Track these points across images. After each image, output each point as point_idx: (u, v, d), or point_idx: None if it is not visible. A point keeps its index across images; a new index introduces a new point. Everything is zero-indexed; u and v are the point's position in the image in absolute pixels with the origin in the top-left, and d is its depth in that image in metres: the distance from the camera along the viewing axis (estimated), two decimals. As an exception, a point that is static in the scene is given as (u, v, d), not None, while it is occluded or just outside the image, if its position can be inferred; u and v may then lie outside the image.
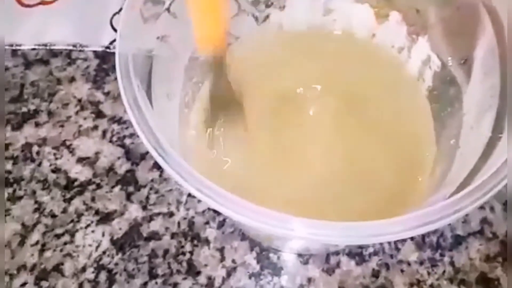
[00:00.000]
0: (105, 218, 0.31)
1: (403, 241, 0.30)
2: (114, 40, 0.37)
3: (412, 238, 0.30)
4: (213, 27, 0.23)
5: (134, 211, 0.31)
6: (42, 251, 0.30)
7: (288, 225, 0.16)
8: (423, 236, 0.30)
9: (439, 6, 0.28)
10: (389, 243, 0.30)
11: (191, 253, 0.30)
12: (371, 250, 0.30)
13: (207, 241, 0.30)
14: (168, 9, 0.25)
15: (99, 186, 0.32)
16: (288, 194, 0.26)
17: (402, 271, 0.29)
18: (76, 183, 0.32)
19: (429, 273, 0.29)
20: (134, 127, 0.18)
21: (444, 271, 0.29)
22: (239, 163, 0.27)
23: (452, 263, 0.29)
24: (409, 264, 0.29)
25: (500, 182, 0.18)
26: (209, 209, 0.31)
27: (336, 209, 0.25)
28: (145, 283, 0.29)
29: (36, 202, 0.32)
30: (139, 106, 0.19)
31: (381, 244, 0.30)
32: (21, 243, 0.30)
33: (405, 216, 0.17)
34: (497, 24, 0.23)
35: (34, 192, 0.32)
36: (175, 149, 0.18)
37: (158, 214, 0.31)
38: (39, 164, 0.33)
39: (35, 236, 0.30)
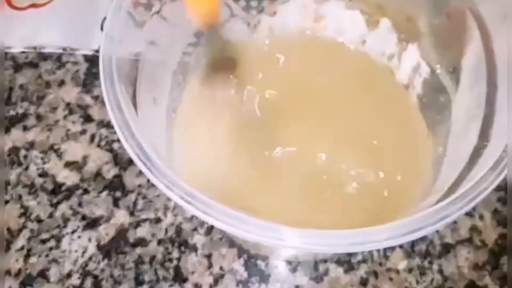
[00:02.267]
0: (92, 223, 0.31)
1: (392, 248, 0.30)
2: (105, 44, 0.37)
3: (401, 246, 0.30)
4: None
5: (121, 217, 0.31)
6: (27, 256, 0.30)
7: (278, 235, 0.16)
8: (412, 244, 0.30)
9: (429, 14, 0.28)
10: (378, 250, 0.30)
11: (178, 259, 0.29)
12: (359, 257, 0.29)
13: (194, 248, 0.30)
14: (158, 12, 0.25)
15: (86, 191, 0.32)
16: (277, 202, 0.25)
17: (390, 279, 0.29)
18: (63, 188, 0.32)
19: (417, 281, 0.29)
20: (116, 131, 0.18)
21: (432, 279, 0.29)
22: (226, 170, 0.26)
23: (440, 271, 0.29)
24: (397, 272, 0.29)
25: (486, 189, 0.18)
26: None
27: (326, 217, 0.25)
28: (131, 290, 0.29)
29: (22, 206, 0.31)
30: (121, 110, 0.19)
31: (369, 251, 0.30)
32: (6, 248, 0.30)
33: (393, 223, 0.17)
34: (484, 31, 0.23)
35: (20, 197, 0.31)
36: (160, 155, 0.18)
37: (146, 220, 0.31)
38: (26, 168, 0.33)
39: (21, 242, 0.30)
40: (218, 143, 0.25)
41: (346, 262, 0.29)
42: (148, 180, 0.31)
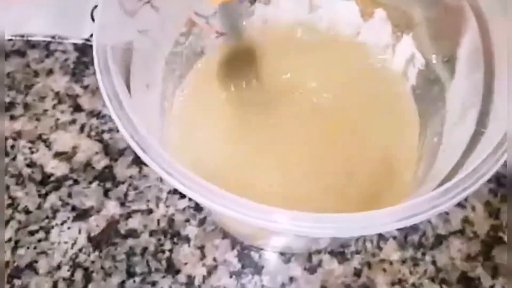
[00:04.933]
0: (82, 214, 0.30)
1: (385, 240, 0.30)
2: (95, 33, 0.36)
3: (394, 237, 0.30)
4: None
5: (112, 208, 0.30)
6: (15, 248, 0.29)
7: (270, 216, 0.16)
8: (405, 235, 0.30)
9: (425, 4, 0.28)
10: (371, 242, 0.30)
11: (171, 251, 0.29)
12: (353, 249, 0.29)
13: (187, 239, 0.29)
14: (149, 1, 0.24)
15: (76, 182, 0.31)
16: (272, 188, 0.25)
17: (384, 270, 0.29)
18: (52, 178, 0.31)
19: (411, 272, 0.29)
20: (112, 116, 0.18)
21: (425, 270, 0.29)
22: (222, 156, 0.26)
23: (433, 262, 0.29)
24: (391, 263, 0.29)
25: (483, 176, 0.17)
26: (189, 206, 0.30)
27: (317, 204, 0.25)
28: (123, 282, 0.28)
29: (9, 197, 0.30)
30: (118, 96, 0.18)
31: (363, 242, 0.29)
32: (-7, 240, 0.29)
33: (388, 209, 0.17)
34: (482, 22, 0.23)
35: (7, 187, 0.31)
36: (155, 139, 0.17)
37: (137, 211, 0.30)
38: (14, 158, 0.32)
39: (8, 233, 0.29)
40: (213, 130, 0.25)
41: (340, 253, 0.29)
42: (140, 171, 0.31)
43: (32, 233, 0.29)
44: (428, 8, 0.28)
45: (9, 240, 0.29)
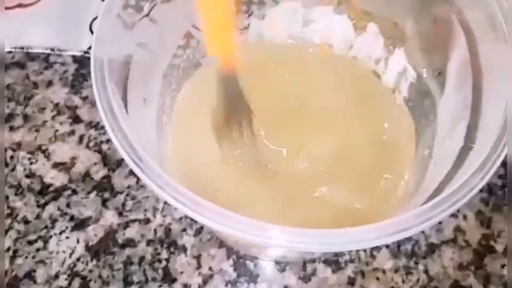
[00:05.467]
0: (80, 224, 0.30)
1: (379, 249, 0.30)
2: (93, 45, 0.37)
3: (387, 246, 0.30)
4: (223, 36, 0.23)
5: (110, 218, 0.31)
6: (13, 257, 0.29)
7: (266, 233, 0.16)
8: (398, 244, 0.30)
9: (416, 19, 0.28)
10: (364, 251, 0.30)
11: (167, 260, 0.29)
12: (347, 257, 0.30)
13: (183, 249, 0.30)
14: (147, 15, 0.25)
15: (74, 192, 0.31)
16: (269, 205, 0.26)
17: (377, 278, 0.29)
18: (51, 189, 0.32)
19: (403, 281, 0.29)
20: (107, 131, 0.18)
21: (418, 279, 0.29)
22: (217, 169, 0.27)
23: (426, 271, 0.30)
24: (384, 272, 0.30)
25: (471, 191, 0.18)
26: (186, 216, 0.31)
27: (311, 217, 0.26)
28: (120, 291, 0.29)
29: (8, 207, 0.31)
30: (113, 111, 0.19)
31: (357, 251, 0.30)
32: (-8, 250, 0.30)
33: (379, 223, 0.17)
34: (470, 36, 0.23)
35: (7, 198, 0.31)
36: (150, 154, 0.18)
37: (134, 220, 0.31)
38: (13, 169, 0.32)
39: (7, 243, 0.30)
40: (209, 145, 0.25)
41: (334, 262, 0.30)
42: (137, 181, 0.32)
43: (30, 242, 0.30)
44: (419, 20, 0.28)
45: (8, 249, 0.30)
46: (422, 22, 0.28)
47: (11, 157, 0.33)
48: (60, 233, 0.30)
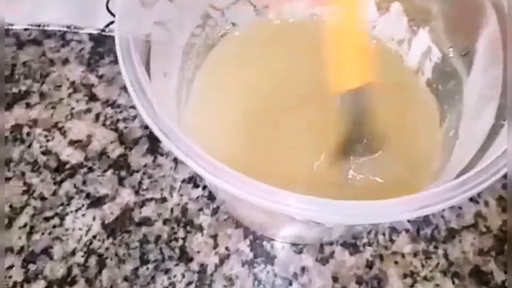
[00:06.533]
0: (96, 202, 0.30)
1: (398, 232, 0.30)
2: (110, 24, 0.36)
3: (406, 230, 0.30)
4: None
5: (126, 196, 0.30)
6: (30, 233, 0.29)
7: (283, 200, 0.16)
8: (418, 228, 0.30)
9: None
10: (383, 234, 0.30)
11: (184, 239, 0.29)
12: (365, 240, 0.29)
13: (200, 228, 0.30)
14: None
15: (91, 170, 0.31)
16: (288, 173, 0.25)
17: (396, 262, 0.29)
18: (67, 166, 0.31)
19: (423, 265, 0.29)
20: (135, 103, 0.18)
21: (438, 264, 0.29)
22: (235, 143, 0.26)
23: (446, 256, 0.29)
24: (403, 256, 0.29)
25: (500, 170, 0.17)
26: (203, 196, 0.30)
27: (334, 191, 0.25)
28: (136, 269, 0.28)
29: (25, 184, 0.31)
30: (140, 83, 0.18)
31: (375, 235, 0.30)
32: (9, 225, 0.29)
33: (400, 198, 0.17)
34: (501, 14, 0.23)
35: (23, 174, 0.31)
36: (173, 123, 0.18)
37: (151, 199, 0.30)
38: (29, 146, 0.32)
39: (23, 219, 0.30)
40: (228, 121, 0.25)
41: (352, 245, 0.29)
42: (154, 160, 0.31)
43: (47, 219, 0.30)
44: (446, 1, 0.27)
45: (25, 225, 0.30)
46: (448, 1, 0.27)
47: (28, 133, 0.32)
48: (77, 211, 0.30)
